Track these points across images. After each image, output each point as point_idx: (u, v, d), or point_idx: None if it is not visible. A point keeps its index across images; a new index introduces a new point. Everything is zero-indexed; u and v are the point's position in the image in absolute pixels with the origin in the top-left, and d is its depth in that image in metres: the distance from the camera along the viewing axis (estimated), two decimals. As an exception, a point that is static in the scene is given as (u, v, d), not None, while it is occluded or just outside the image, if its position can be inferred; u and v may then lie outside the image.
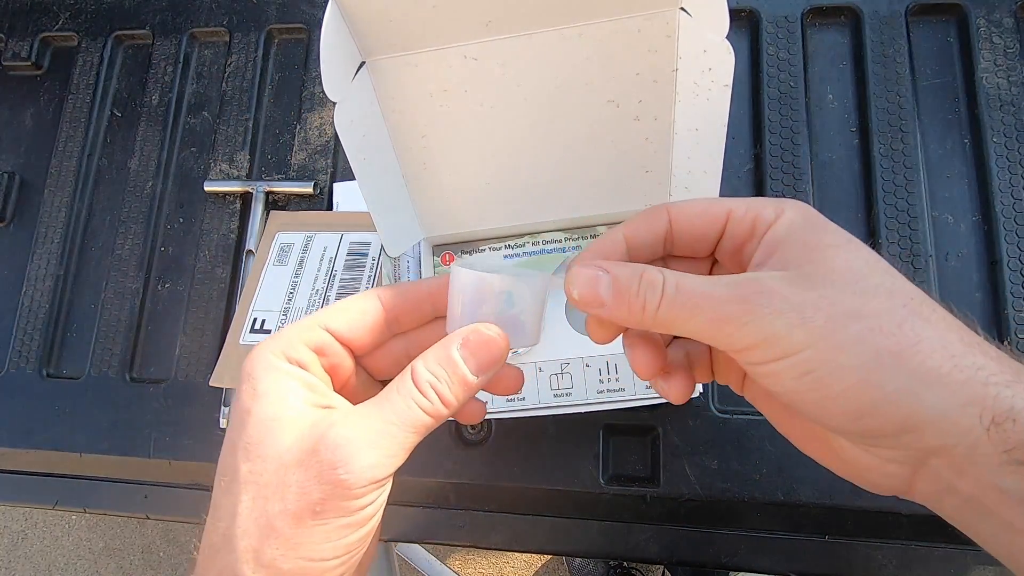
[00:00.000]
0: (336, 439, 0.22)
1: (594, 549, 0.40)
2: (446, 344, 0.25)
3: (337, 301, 0.27)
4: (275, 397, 0.24)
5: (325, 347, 0.26)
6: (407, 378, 0.24)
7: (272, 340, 0.25)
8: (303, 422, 0.23)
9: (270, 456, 0.23)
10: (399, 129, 0.34)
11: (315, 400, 0.24)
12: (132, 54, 0.54)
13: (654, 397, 0.36)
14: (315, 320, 0.26)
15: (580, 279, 0.24)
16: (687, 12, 0.29)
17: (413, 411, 0.23)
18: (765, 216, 0.24)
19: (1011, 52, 0.44)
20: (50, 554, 1.31)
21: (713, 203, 0.25)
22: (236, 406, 0.25)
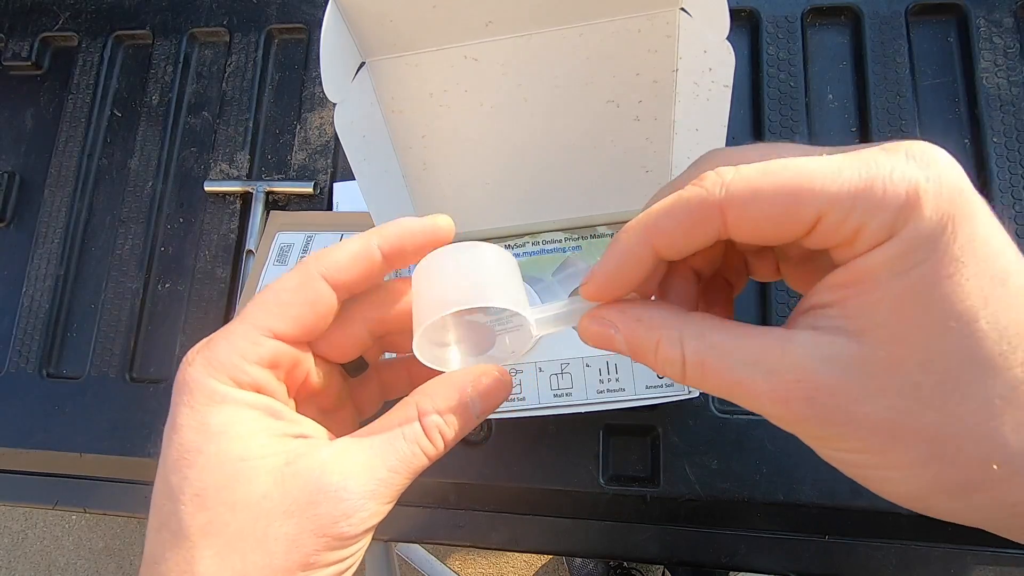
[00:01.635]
0: (337, 490, 0.20)
1: (594, 549, 0.40)
2: (458, 385, 0.22)
3: (266, 291, 0.22)
4: (236, 434, 0.20)
5: (278, 358, 0.22)
6: (414, 421, 0.21)
7: (209, 360, 0.21)
8: (275, 460, 0.20)
9: (241, 504, 0.19)
10: (399, 129, 0.34)
11: (283, 429, 0.21)
12: (132, 54, 0.54)
13: (654, 397, 0.36)
14: (254, 325, 0.21)
15: (592, 334, 0.21)
16: (687, 12, 0.29)
17: (418, 457, 0.21)
18: (874, 231, 0.16)
19: (1011, 52, 0.44)
20: (50, 554, 1.31)
21: (795, 203, 0.17)
22: (176, 442, 0.20)
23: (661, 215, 0.19)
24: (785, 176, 0.17)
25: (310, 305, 0.22)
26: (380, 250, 0.23)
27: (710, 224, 0.18)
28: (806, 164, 0.17)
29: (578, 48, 0.31)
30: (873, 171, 0.16)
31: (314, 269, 0.22)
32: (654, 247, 0.19)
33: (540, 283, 0.39)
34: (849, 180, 0.16)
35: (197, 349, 0.22)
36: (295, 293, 0.22)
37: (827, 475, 0.37)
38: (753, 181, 0.17)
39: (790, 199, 0.17)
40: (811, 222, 0.17)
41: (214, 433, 0.20)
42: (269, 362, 0.21)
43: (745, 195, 0.17)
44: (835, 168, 0.16)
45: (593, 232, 0.39)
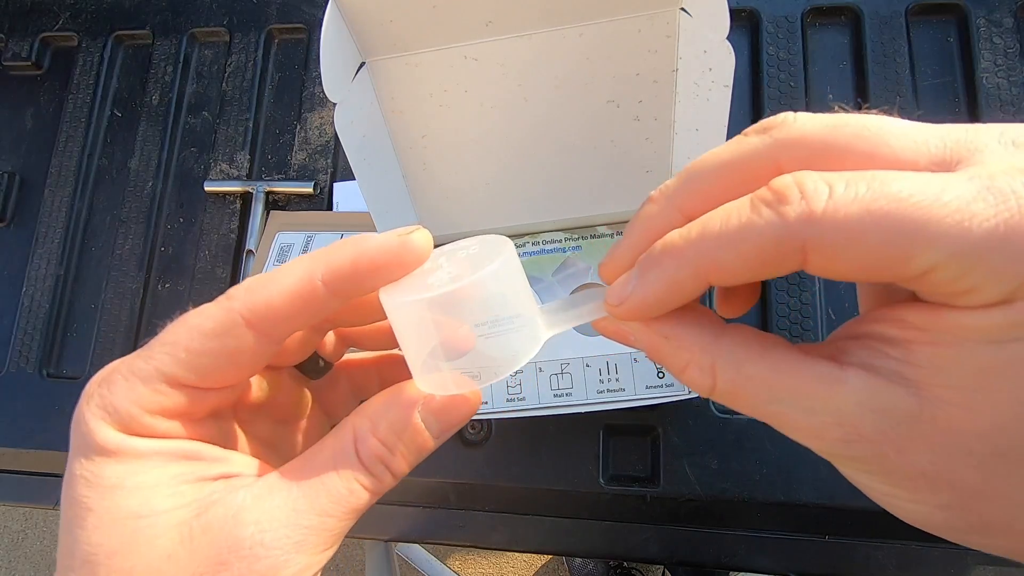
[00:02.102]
0: (253, 546, 0.16)
1: (594, 549, 0.40)
2: (405, 403, 0.18)
3: (181, 325, 0.18)
4: (134, 487, 0.16)
5: (187, 406, 0.18)
6: (349, 451, 0.18)
7: (104, 402, 0.17)
8: (183, 513, 0.16)
9: (139, 569, 0.16)
10: (399, 129, 0.34)
11: (198, 472, 0.17)
12: (132, 54, 0.54)
13: (654, 397, 0.36)
14: (155, 370, 0.17)
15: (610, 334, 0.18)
16: (687, 12, 0.29)
17: (356, 495, 0.17)
18: (988, 294, 0.13)
19: (1011, 52, 0.44)
20: (50, 554, 1.31)
21: (905, 247, 0.13)
22: (69, 497, 0.17)
23: (722, 245, 0.15)
24: (898, 211, 0.13)
25: (226, 355, 0.17)
26: (324, 284, 0.17)
27: (785, 262, 0.14)
28: (925, 191, 0.13)
29: (578, 48, 0.31)
30: (1016, 217, 0.12)
31: (237, 309, 0.17)
32: (707, 280, 0.15)
33: (540, 283, 0.39)
34: (982, 225, 0.12)
35: (98, 380, 0.18)
36: (209, 339, 0.17)
37: (827, 475, 0.37)
38: (853, 217, 0.13)
39: (901, 247, 0.13)
40: (920, 272, 0.13)
41: (107, 488, 0.16)
42: (177, 411, 0.17)
43: (840, 237, 0.13)
44: (964, 201, 0.13)
45: (593, 232, 0.39)
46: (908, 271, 0.13)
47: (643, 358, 0.36)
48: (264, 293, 0.17)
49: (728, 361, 0.16)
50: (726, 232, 0.15)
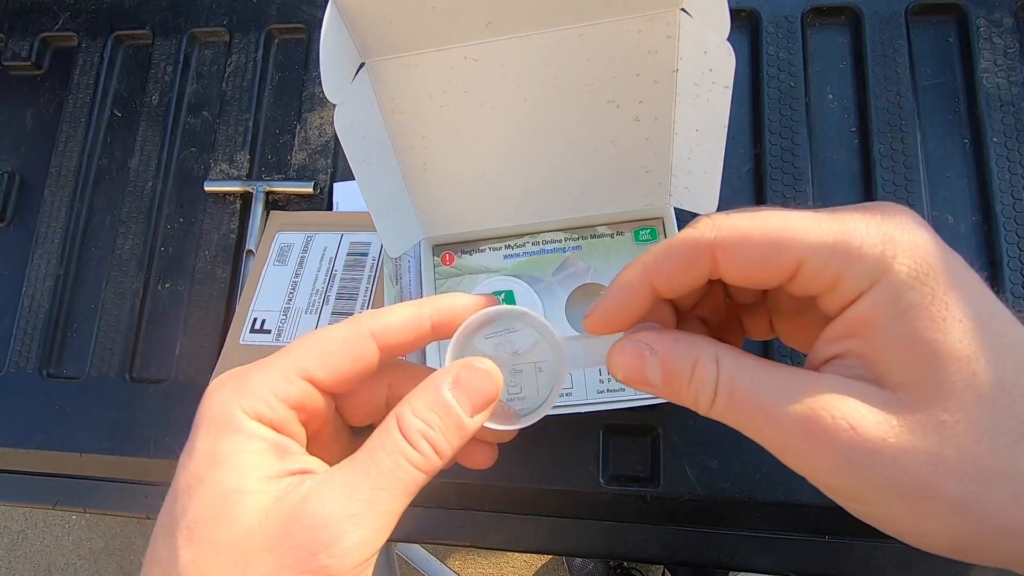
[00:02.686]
0: (314, 517, 0.18)
1: (594, 549, 0.40)
2: (435, 383, 0.21)
3: (314, 335, 0.22)
4: (235, 464, 0.19)
5: (307, 403, 0.21)
6: (393, 430, 0.20)
7: (239, 388, 0.20)
8: (267, 496, 0.19)
9: (223, 542, 0.18)
10: (399, 130, 0.34)
11: (284, 467, 0.20)
12: (132, 54, 0.54)
13: (654, 397, 0.36)
14: (292, 365, 0.21)
15: (625, 357, 0.21)
16: (687, 13, 0.29)
17: (404, 470, 0.20)
18: (854, 279, 0.17)
19: (1011, 52, 0.44)
20: (50, 554, 1.31)
21: (777, 247, 0.18)
22: (188, 468, 0.20)
23: (658, 253, 0.20)
24: (769, 223, 0.19)
25: (353, 359, 0.21)
26: (431, 320, 0.23)
27: (701, 262, 0.19)
28: (789, 216, 0.18)
29: (578, 48, 0.31)
30: (850, 225, 0.18)
31: (366, 325, 0.22)
32: (651, 283, 0.20)
33: (540, 283, 0.39)
34: (827, 231, 0.18)
35: (229, 376, 0.21)
36: (342, 344, 0.21)
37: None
38: (740, 225, 0.19)
39: (773, 244, 0.18)
40: (792, 267, 0.18)
41: (217, 460, 0.19)
42: (297, 403, 0.21)
43: (733, 237, 0.19)
44: (815, 221, 0.18)
45: (593, 232, 0.39)
46: (783, 266, 0.18)
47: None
48: (386, 316, 0.22)
49: (728, 353, 0.19)
50: (661, 245, 0.20)
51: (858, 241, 0.17)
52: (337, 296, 0.44)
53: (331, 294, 0.44)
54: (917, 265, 0.17)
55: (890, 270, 0.17)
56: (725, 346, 0.20)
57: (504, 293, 0.38)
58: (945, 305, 0.16)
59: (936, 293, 0.16)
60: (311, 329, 0.43)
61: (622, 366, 0.21)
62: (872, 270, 0.17)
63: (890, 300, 0.17)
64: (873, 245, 0.17)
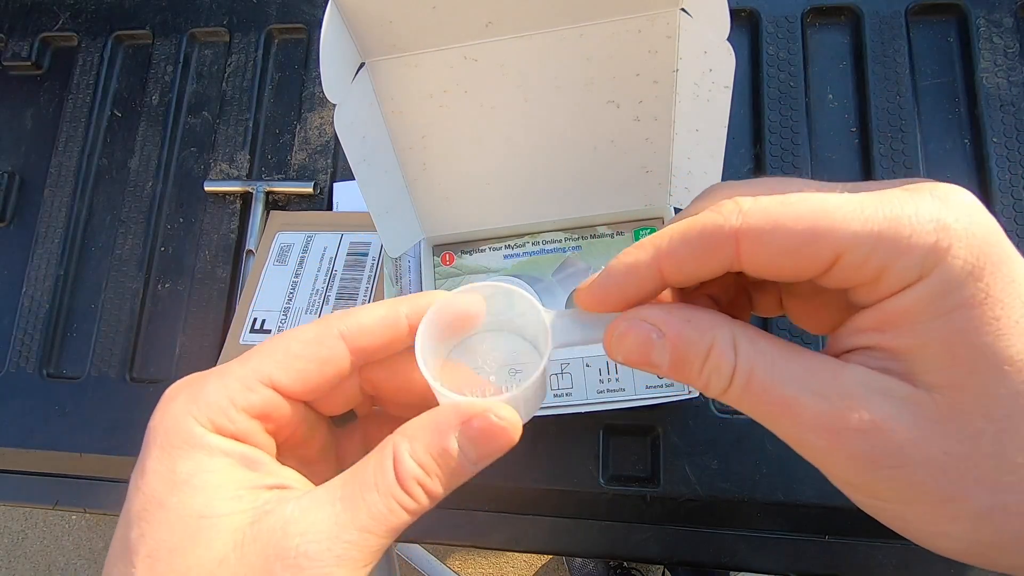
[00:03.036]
0: (297, 556, 0.17)
1: (594, 549, 0.40)
2: (441, 428, 0.19)
3: (279, 338, 0.20)
4: (200, 485, 0.17)
5: (271, 411, 0.19)
6: (388, 471, 0.18)
7: (193, 398, 0.18)
8: (240, 519, 0.17)
9: (194, 570, 0.17)
10: (399, 130, 0.34)
11: (256, 481, 0.18)
12: (132, 54, 0.54)
13: (654, 397, 0.36)
14: (253, 371, 0.19)
15: (627, 341, 0.18)
16: (687, 13, 0.29)
17: (395, 514, 0.18)
18: (902, 273, 0.15)
19: (1011, 52, 0.44)
20: (50, 554, 1.31)
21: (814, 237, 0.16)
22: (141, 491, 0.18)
23: (674, 238, 0.18)
24: (805, 209, 0.16)
25: (320, 363, 0.20)
26: (408, 320, 0.21)
27: (723, 253, 0.17)
28: (827, 199, 0.16)
29: (578, 48, 0.31)
30: (897, 210, 0.15)
31: (335, 326, 0.20)
32: (661, 270, 0.18)
33: (540, 283, 0.39)
34: (872, 218, 0.15)
35: (183, 384, 0.19)
36: (307, 346, 0.20)
37: (827, 475, 0.37)
38: (772, 212, 0.16)
39: (809, 234, 0.16)
40: (830, 260, 0.16)
41: (179, 482, 0.17)
42: (259, 412, 0.19)
43: (763, 226, 0.16)
44: (857, 205, 0.16)
45: (593, 232, 0.39)
46: (819, 258, 0.16)
47: (643, 358, 0.36)
48: (357, 315, 0.20)
49: (746, 336, 0.17)
50: (678, 228, 0.18)
51: (908, 230, 0.15)
52: (337, 296, 0.44)
53: (331, 294, 0.44)
54: (973, 258, 0.15)
55: (942, 263, 0.15)
56: (741, 326, 0.18)
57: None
58: (1001, 304, 0.15)
59: (991, 291, 0.15)
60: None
61: (624, 349, 0.19)
62: (922, 263, 0.15)
63: (939, 296, 0.15)
64: (925, 234, 0.15)
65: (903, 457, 0.15)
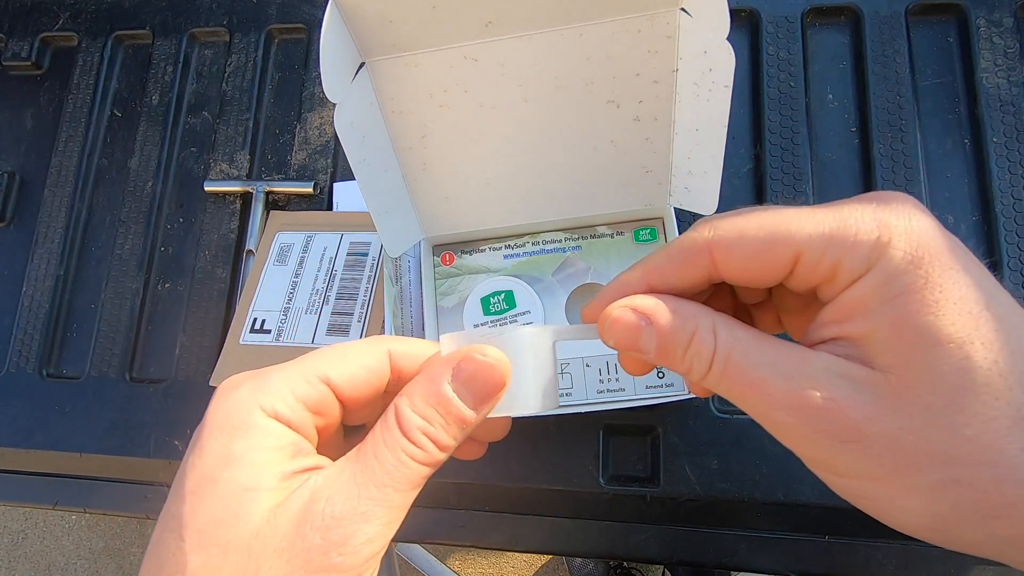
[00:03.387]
0: (324, 517, 0.18)
1: (594, 549, 0.40)
2: (434, 376, 0.20)
3: (335, 347, 0.22)
4: (249, 461, 0.19)
5: (324, 407, 0.21)
6: (392, 426, 0.20)
7: (259, 388, 0.20)
8: (278, 495, 0.19)
9: (234, 545, 0.18)
10: (399, 129, 0.34)
11: (298, 465, 0.20)
12: (132, 54, 0.54)
13: (654, 397, 0.36)
14: (314, 369, 0.21)
15: (618, 327, 0.20)
16: (687, 12, 0.29)
17: (407, 466, 0.20)
18: (851, 266, 0.18)
19: (1011, 52, 0.44)
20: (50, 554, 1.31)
21: (774, 241, 0.18)
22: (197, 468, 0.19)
23: (659, 255, 0.21)
24: (767, 219, 0.19)
25: (368, 371, 0.21)
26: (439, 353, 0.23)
27: (700, 262, 0.20)
28: (785, 211, 0.19)
29: (578, 48, 0.31)
30: (845, 215, 0.18)
31: (386, 344, 0.22)
32: (649, 283, 0.21)
33: (540, 283, 0.39)
34: (823, 222, 0.18)
35: (244, 376, 0.21)
36: (361, 355, 0.22)
37: (827, 475, 0.37)
38: (739, 224, 0.19)
39: (769, 238, 0.19)
40: (791, 260, 0.18)
41: (232, 458, 0.19)
42: (316, 406, 0.20)
43: (730, 236, 0.19)
44: (810, 214, 0.18)
45: (593, 232, 0.39)
46: (781, 259, 0.18)
47: (643, 358, 0.36)
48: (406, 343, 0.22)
49: (725, 324, 0.19)
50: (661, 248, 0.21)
51: (853, 228, 0.18)
52: (337, 296, 0.44)
53: (331, 294, 0.44)
54: (913, 249, 0.17)
55: (885, 255, 0.17)
56: (723, 317, 0.20)
57: (504, 293, 0.38)
58: (940, 288, 0.16)
59: (931, 276, 0.17)
60: (311, 329, 0.43)
61: (615, 334, 0.20)
62: (868, 256, 0.17)
63: (883, 283, 0.17)
64: (869, 231, 0.17)
65: (860, 432, 0.17)
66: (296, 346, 0.42)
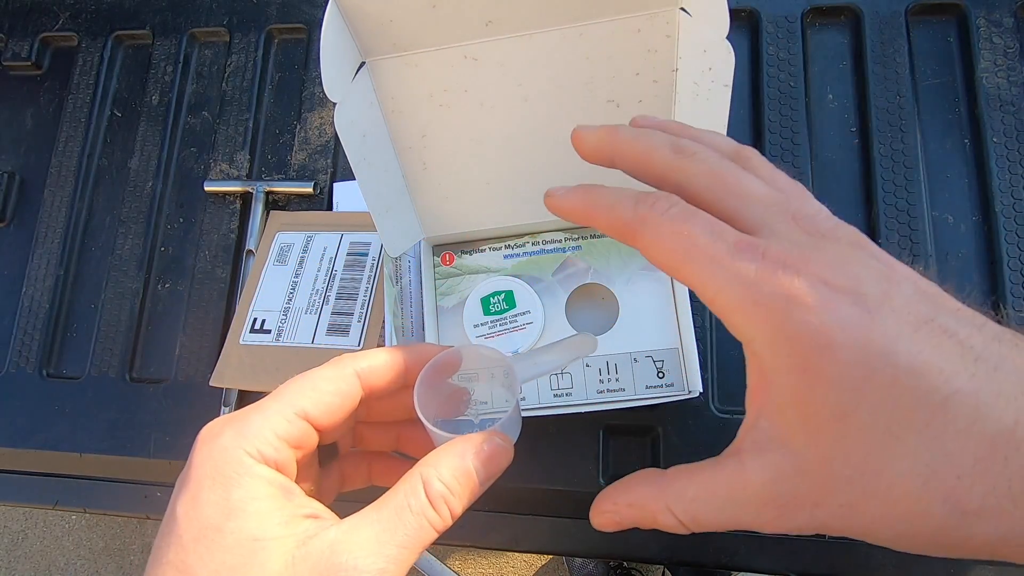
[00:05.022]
0: (348, 570, 0.19)
1: (594, 549, 0.40)
2: (460, 453, 0.22)
3: (302, 377, 0.23)
4: (254, 512, 0.20)
5: (304, 440, 0.22)
6: (420, 492, 0.21)
7: (241, 433, 0.21)
8: (289, 542, 0.20)
9: None
10: (399, 129, 0.34)
11: (295, 510, 0.21)
12: (132, 54, 0.54)
13: (654, 397, 0.36)
14: (291, 406, 0.22)
15: (606, 524, 0.27)
16: (687, 12, 0.29)
17: (427, 531, 0.21)
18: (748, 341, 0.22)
19: (1011, 52, 0.44)
20: (50, 554, 1.31)
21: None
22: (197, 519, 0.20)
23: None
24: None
25: (341, 396, 0.23)
26: (407, 365, 0.25)
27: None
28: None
29: (578, 48, 0.31)
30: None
31: (351, 366, 0.23)
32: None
33: (540, 283, 0.39)
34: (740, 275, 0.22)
35: (223, 421, 0.21)
36: (331, 383, 0.23)
37: (827, 475, 0.37)
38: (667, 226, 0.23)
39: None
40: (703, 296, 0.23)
41: (234, 509, 0.20)
42: (296, 442, 0.22)
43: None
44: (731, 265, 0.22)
45: (593, 232, 0.39)
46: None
47: (643, 358, 0.36)
48: (369, 358, 0.24)
49: (674, 497, 0.23)
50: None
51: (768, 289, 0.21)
52: (337, 296, 0.44)
53: (331, 294, 0.44)
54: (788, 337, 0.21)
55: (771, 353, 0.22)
56: (668, 486, 0.25)
57: (504, 293, 0.38)
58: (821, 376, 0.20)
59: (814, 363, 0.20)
60: (311, 329, 0.43)
61: (607, 526, 0.26)
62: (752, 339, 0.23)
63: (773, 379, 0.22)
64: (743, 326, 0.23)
65: (815, 518, 0.21)
66: (296, 346, 0.42)
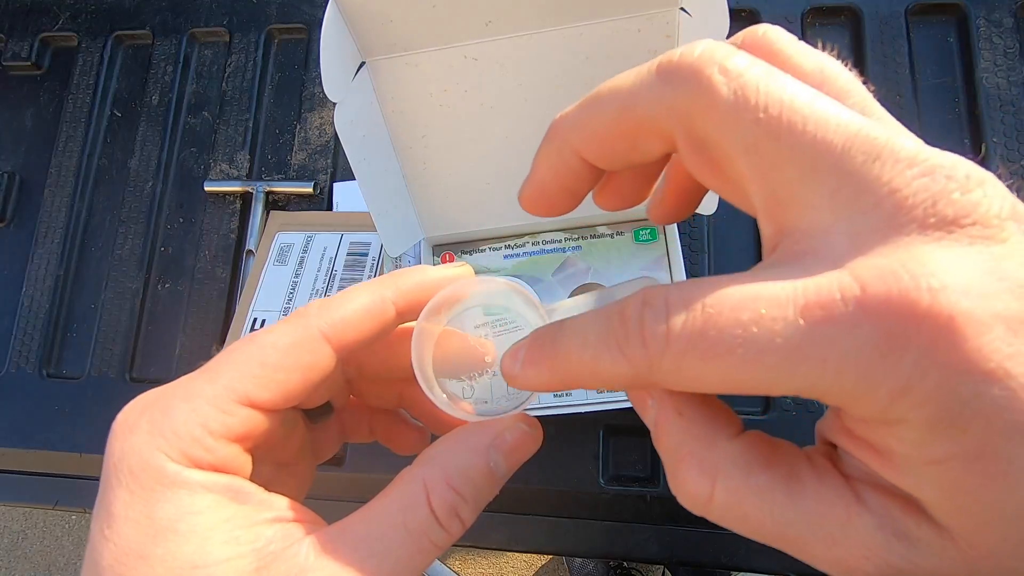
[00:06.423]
0: None
1: (594, 549, 0.40)
2: (476, 447, 0.17)
3: (249, 343, 0.17)
4: (189, 531, 0.15)
5: (251, 430, 0.17)
6: (421, 505, 0.16)
7: (158, 429, 0.16)
8: (241, 565, 0.15)
9: None
10: (399, 129, 0.34)
11: (250, 517, 0.16)
12: (132, 54, 0.54)
13: (654, 397, 0.36)
14: (228, 390, 0.16)
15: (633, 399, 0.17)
16: (687, 12, 0.29)
17: (427, 553, 0.16)
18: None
19: (1011, 52, 0.44)
20: (50, 554, 1.31)
21: None
22: (111, 541, 0.15)
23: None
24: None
25: (302, 371, 0.17)
26: (395, 306, 0.19)
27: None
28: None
29: (578, 48, 0.31)
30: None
31: (315, 324, 0.17)
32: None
33: (540, 283, 0.39)
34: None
35: (139, 408, 0.16)
36: (287, 354, 0.17)
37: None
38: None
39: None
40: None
41: (160, 529, 0.15)
42: (240, 435, 0.16)
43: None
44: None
45: (593, 232, 0.39)
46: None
47: (643, 358, 0.36)
48: (339, 309, 0.18)
49: (735, 466, 0.14)
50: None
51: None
52: (337, 296, 0.44)
53: (331, 294, 0.44)
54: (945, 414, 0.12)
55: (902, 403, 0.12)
56: (736, 446, 0.15)
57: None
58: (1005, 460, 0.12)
59: (987, 447, 0.12)
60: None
61: (632, 399, 0.17)
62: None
63: (918, 443, 0.12)
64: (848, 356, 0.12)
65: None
66: (296, 346, 0.42)
